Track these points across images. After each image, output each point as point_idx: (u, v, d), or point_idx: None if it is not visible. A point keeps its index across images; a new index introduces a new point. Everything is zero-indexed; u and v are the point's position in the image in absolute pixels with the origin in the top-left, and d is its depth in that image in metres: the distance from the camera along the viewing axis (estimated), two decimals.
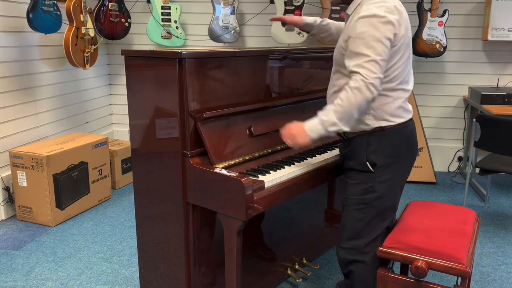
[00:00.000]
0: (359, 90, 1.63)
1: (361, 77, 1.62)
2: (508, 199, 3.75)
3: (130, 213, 3.38)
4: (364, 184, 1.82)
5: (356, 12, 1.73)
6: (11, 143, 3.34)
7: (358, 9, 1.73)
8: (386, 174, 1.80)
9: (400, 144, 1.82)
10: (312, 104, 2.34)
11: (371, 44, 1.63)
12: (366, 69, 1.63)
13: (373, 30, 1.64)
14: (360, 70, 1.63)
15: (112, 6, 3.95)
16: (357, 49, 1.65)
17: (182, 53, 1.69)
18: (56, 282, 2.47)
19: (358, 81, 1.63)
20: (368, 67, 1.63)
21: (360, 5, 1.74)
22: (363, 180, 1.82)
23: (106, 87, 4.68)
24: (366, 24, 1.65)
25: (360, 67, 1.63)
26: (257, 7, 4.28)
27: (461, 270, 1.65)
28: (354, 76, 1.65)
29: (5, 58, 3.27)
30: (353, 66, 1.65)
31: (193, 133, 1.78)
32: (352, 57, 1.67)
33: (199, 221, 1.89)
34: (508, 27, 3.88)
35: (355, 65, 1.65)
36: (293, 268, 2.44)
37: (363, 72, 1.63)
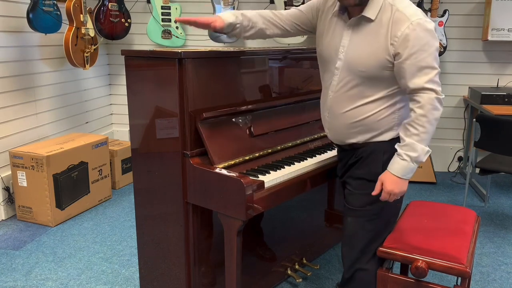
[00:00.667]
0: (436, 109, 1.57)
1: (435, 95, 1.56)
2: (508, 199, 3.75)
3: (130, 213, 3.38)
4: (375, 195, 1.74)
5: (387, 14, 1.60)
6: (11, 143, 3.34)
7: (388, 12, 1.61)
8: None
9: None
10: (312, 104, 2.34)
11: (435, 55, 1.57)
12: (438, 84, 1.57)
13: (431, 38, 1.57)
14: (434, 87, 1.56)
15: (112, 6, 3.95)
16: (424, 63, 1.56)
17: (182, 53, 1.69)
18: (56, 282, 2.47)
19: (433, 99, 1.56)
20: (438, 81, 1.58)
21: (385, 8, 1.62)
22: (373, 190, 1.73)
23: (106, 87, 4.68)
24: (424, 32, 1.56)
25: (433, 83, 1.56)
26: (257, 7, 4.27)
27: (461, 270, 1.65)
28: (428, 94, 1.56)
29: (5, 58, 3.27)
30: (426, 83, 1.56)
31: (193, 133, 1.78)
32: (420, 72, 1.56)
33: (199, 221, 1.89)
34: (508, 27, 3.88)
35: (428, 81, 1.56)
36: (293, 268, 2.44)
37: (437, 88, 1.57)
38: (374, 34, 1.64)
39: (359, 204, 1.79)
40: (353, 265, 1.84)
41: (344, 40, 1.72)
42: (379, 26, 1.63)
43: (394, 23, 1.59)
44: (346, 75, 1.72)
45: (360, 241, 1.81)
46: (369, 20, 1.64)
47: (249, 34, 1.87)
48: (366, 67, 1.66)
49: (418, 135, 1.59)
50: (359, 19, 1.67)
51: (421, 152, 1.60)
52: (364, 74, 1.68)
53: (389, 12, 1.61)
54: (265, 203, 1.69)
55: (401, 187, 1.65)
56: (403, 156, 1.62)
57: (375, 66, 1.64)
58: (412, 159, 1.61)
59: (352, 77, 1.71)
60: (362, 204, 1.78)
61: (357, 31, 1.68)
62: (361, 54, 1.66)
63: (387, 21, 1.61)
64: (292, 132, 2.15)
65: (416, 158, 1.61)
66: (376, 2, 1.63)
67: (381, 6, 1.63)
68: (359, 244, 1.82)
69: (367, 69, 1.66)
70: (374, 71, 1.65)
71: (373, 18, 1.63)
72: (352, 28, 1.70)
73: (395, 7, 1.61)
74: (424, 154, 1.61)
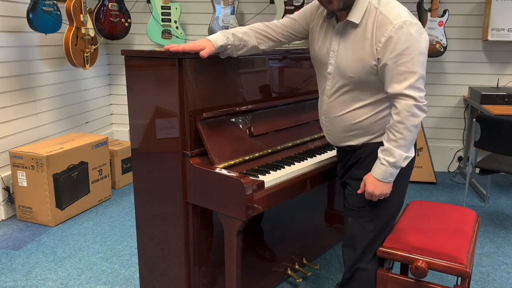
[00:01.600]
0: (415, 116, 1.55)
1: (413, 102, 1.54)
2: (508, 199, 3.75)
3: (130, 213, 3.38)
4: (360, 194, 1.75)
5: (371, 18, 1.59)
6: (11, 143, 3.34)
7: (372, 16, 1.59)
8: (398, 180, 1.70)
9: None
10: (312, 104, 2.34)
11: (418, 59, 1.53)
12: (418, 90, 1.54)
13: (415, 41, 1.53)
14: (413, 93, 1.53)
15: (112, 6, 3.95)
16: (405, 67, 1.53)
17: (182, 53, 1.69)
18: (56, 282, 2.47)
19: (411, 106, 1.54)
20: (419, 86, 1.55)
21: (370, 12, 1.60)
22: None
23: (106, 87, 4.68)
24: (406, 35, 1.52)
25: (412, 89, 1.53)
26: (257, 7, 4.28)
27: (461, 270, 1.65)
28: (405, 101, 1.54)
29: (5, 58, 3.27)
30: (405, 89, 1.53)
31: (193, 133, 1.78)
32: (399, 77, 1.54)
33: (199, 221, 1.89)
34: (508, 27, 3.88)
35: (407, 87, 1.53)
36: (293, 268, 2.44)
37: (417, 94, 1.54)
38: (360, 39, 1.62)
39: (359, 204, 1.79)
40: (353, 265, 1.84)
41: (333, 45, 1.71)
42: (364, 31, 1.61)
43: (377, 27, 1.58)
44: (338, 80, 1.72)
45: (361, 242, 1.81)
46: (354, 24, 1.63)
47: (242, 52, 1.84)
48: (354, 72, 1.65)
49: (395, 141, 1.59)
50: (345, 23, 1.66)
51: (398, 158, 1.60)
52: (354, 79, 1.67)
53: (373, 16, 1.59)
54: (265, 203, 1.69)
55: (381, 189, 1.66)
56: (382, 160, 1.63)
57: (363, 71, 1.63)
58: (390, 164, 1.61)
59: (344, 82, 1.70)
60: (362, 205, 1.78)
61: (345, 36, 1.67)
62: (349, 60, 1.65)
63: (372, 25, 1.59)
64: (292, 132, 2.15)
65: (394, 163, 1.61)
66: (360, 6, 1.61)
67: (365, 9, 1.61)
68: (359, 244, 1.82)
69: (355, 74, 1.65)
70: (363, 76, 1.64)
71: (357, 22, 1.62)
72: (340, 33, 1.69)
73: (378, 10, 1.59)
74: (402, 159, 1.61)
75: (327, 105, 1.79)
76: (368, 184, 1.68)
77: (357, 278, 1.85)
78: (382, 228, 1.82)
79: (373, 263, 1.82)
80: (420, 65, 1.55)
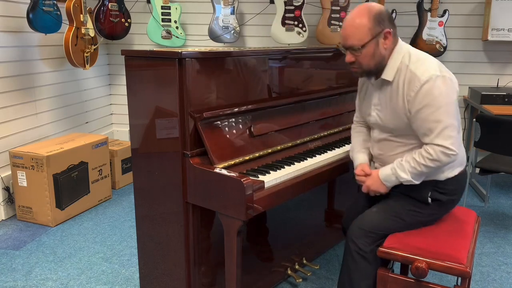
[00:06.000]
0: (439, 161, 1.68)
1: (442, 149, 1.65)
2: (508, 199, 3.75)
3: (130, 213, 3.38)
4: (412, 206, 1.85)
5: (402, 75, 1.71)
6: (11, 143, 3.34)
7: (403, 74, 1.71)
8: (439, 207, 1.86)
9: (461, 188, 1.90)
10: (312, 104, 2.34)
11: (446, 109, 1.64)
12: (448, 138, 1.65)
13: (441, 93, 1.64)
14: (443, 142, 1.65)
15: (112, 6, 3.95)
16: (434, 117, 1.64)
17: (182, 53, 1.69)
18: (56, 282, 2.47)
19: (437, 153, 1.66)
20: (449, 134, 1.65)
21: (401, 70, 1.73)
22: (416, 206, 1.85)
23: (106, 87, 4.68)
24: (432, 88, 1.64)
25: (441, 138, 1.65)
26: (257, 7, 4.28)
27: (461, 270, 1.65)
28: (435, 148, 1.66)
29: (5, 58, 3.27)
30: (434, 138, 1.66)
31: (193, 133, 1.78)
32: (430, 127, 1.66)
33: (199, 221, 1.89)
34: (508, 27, 3.88)
35: (436, 136, 1.66)
36: (293, 268, 2.44)
37: (446, 143, 1.65)
38: (394, 95, 1.76)
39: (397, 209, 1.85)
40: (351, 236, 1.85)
41: (374, 99, 1.87)
42: (397, 87, 1.74)
43: (407, 83, 1.70)
44: (382, 130, 1.86)
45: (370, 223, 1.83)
46: (388, 82, 1.77)
47: None
48: (394, 125, 1.79)
49: (414, 167, 1.72)
50: (381, 80, 1.80)
51: (404, 177, 1.75)
52: (396, 131, 1.80)
53: (404, 73, 1.72)
54: (265, 203, 1.69)
55: (377, 187, 1.83)
56: (393, 167, 1.78)
57: (401, 124, 1.77)
58: (396, 175, 1.77)
59: (388, 133, 1.85)
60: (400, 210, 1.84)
61: (383, 92, 1.82)
62: (388, 114, 1.80)
63: (402, 82, 1.72)
64: (292, 132, 2.15)
65: (398, 176, 1.76)
66: (393, 65, 1.75)
67: (397, 68, 1.74)
68: (368, 226, 1.83)
69: (396, 126, 1.79)
70: (403, 129, 1.77)
71: (390, 80, 1.76)
72: (379, 89, 1.83)
73: (409, 68, 1.71)
74: (405, 180, 1.76)
75: (376, 152, 1.93)
76: (370, 178, 1.85)
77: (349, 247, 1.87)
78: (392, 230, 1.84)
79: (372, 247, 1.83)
80: (448, 115, 1.65)
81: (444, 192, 1.84)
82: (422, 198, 1.83)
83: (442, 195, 1.84)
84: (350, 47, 1.72)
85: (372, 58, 1.73)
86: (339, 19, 3.97)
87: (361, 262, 1.81)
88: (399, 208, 1.85)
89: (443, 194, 1.84)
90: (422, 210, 1.84)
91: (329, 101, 2.47)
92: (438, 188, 1.83)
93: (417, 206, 1.84)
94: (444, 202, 1.86)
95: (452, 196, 1.87)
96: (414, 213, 1.84)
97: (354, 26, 1.70)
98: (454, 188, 1.86)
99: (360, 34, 1.69)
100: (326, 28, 3.98)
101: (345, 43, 1.74)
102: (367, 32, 1.69)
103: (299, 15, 3.98)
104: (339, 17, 3.96)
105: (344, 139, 2.39)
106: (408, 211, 1.84)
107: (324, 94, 2.45)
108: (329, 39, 3.99)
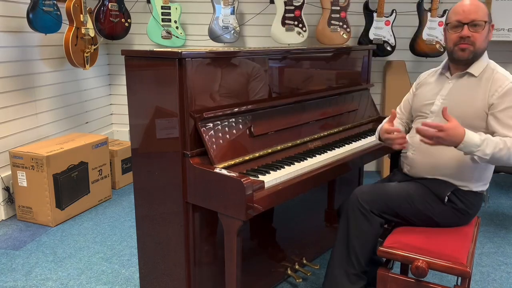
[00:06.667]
0: None
1: None
2: (508, 199, 3.75)
3: (130, 213, 3.38)
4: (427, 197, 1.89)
5: (487, 75, 1.88)
6: (11, 143, 3.34)
7: (488, 74, 1.88)
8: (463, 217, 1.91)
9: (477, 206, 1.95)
10: (312, 104, 2.34)
11: None
12: None
13: None
14: None
15: (112, 6, 3.95)
16: None
17: (182, 53, 1.69)
18: (56, 282, 2.47)
19: None
20: None
21: (487, 70, 1.90)
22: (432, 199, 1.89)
23: (106, 87, 4.68)
24: None
25: None
26: (257, 7, 4.27)
27: (461, 270, 1.65)
28: None
29: (5, 58, 3.27)
30: None
31: (193, 133, 1.78)
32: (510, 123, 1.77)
33: (199, 221, 1.89)
34: (508, 27, 3.88)
35: None
36: (293, 268, 2.44)
37: None
38: (474, 88, 1.89)
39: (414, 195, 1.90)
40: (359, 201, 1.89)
41: (443, 90, 1.97)
42: (479, 82, 1.89)
43: (494, 81, 1.86)
44: (441, 118, 1.81)
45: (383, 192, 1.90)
46: (472, 75, 1.91)
47: None
48: (462, 113, 1.85)
49: (500, 149, 1.70)
50: (462, 74, 1.94)
51: (487, 152, 1.69)
52: (459, 119, 1.76)
53: (490, 73, 1.89)
54: (265, 203, 1.69)
55: (453, 136, 1.68)
56: (482, 137, 1.70)
57: (470, 114, 1.85)
58: (482, 144, 1.68)
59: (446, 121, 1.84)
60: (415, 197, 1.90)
61: (458, 84, 1.94)
62: (460, 103, 1.89)
63: (488, 80, 1.87)
64: (292, 132, 2.15)
65: (483, 148, 1.68)
66: (481, 63, 1.92)
67: (485, 67, 1.92)
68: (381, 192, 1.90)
69: (462, 115, 1.83)
70: (468, 119, 1.84)
71: (476, 75, 1.91)
72: (454, 82, 1.96)
73: (495, 70, 1.91)
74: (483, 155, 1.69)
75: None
76: (452, 125, 1.68)
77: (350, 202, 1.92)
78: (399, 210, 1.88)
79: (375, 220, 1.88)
80: None
81: (463, 201, 1.88)
82: (440, 194, 1.87)
83: (460, 202, 1.88)
84: (473, 20, 1.85)
85: (484, 41, 1.89)
86: (339, 19, 3.97)
87: (363, 221, 1.87)
88: (416, 194, 1.90)
89: (461, 202, 1.88)
90: (435, 206, 1.88)
91: (329, 101, 2.47)
92: (459, 194, 1.88)
93: (432, 200, 1.88)
94: (458, 209, 1.88)
95: (467, 209, 1.90)
96: (427, 204, 1.88)
97: (478, 6, 1.87)
98: (471, 203, 1.90)
99: (484, 12, 1.87)
100: (326, 28, 3.98)
101: (467, 17, 1.86)
102: (487, 14, 1.88)
103: (299, 15, 3.98)
104: (339, 17, 3.96)
105: (344, 139, 2.39)
106: (422, 201, 1.88)
107: (324, 94, 2.45)
108: (329, 39, 3.99)
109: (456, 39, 1.89)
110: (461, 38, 1.87)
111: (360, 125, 2.63)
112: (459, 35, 1.88)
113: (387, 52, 4.01)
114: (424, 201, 1.88)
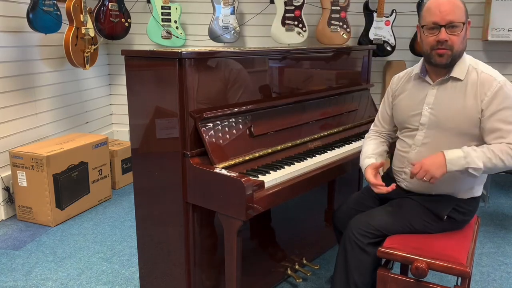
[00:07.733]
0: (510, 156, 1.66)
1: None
2: (508, 199, 3.75)
3: (130, 213, 3.38)
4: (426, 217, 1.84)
5: (473, 77, 1.74)
6: (11, 143, 3.34)
7: (473, 74, 1.74)
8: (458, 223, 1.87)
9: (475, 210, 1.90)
10: (312, 104, 2.34)
11: None
12: None
13: None
14: None
15: (112, 6, 3.95)
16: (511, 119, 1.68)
17: (182, 53, 1.69)
18: (56, 282, 2.47)
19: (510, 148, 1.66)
20: None
21: (471, 71, 1.75)
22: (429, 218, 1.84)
23: (106, 87, 4.68)
24: (510, 90, 1.70)
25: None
26: (257, 7, 4.28)
27: (461, 270, 1.65)
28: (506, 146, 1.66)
29: (5, 58, 3.27)
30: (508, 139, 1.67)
31: (193, 133, 1.78)
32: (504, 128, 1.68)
33: (199, 221, 1.89)
34: (508, 27, 3.88)
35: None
36: (293, 268, 2.44)
37: None
38: (462, 93, 1.75)
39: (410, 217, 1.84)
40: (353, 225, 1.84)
41: (428, 98, 1.82)
42: (466, 86, 1.75)
43: (481, 84, 1.72)
44: (434, 130, 1.80)
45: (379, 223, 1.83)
46: (457, 80, 1.77)
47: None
48: (456, 123, 1.75)
49: (489, 158, 1.65)
50: (446, 79, 1.79)
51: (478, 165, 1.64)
52: (454, 130, 1.76)
53: (475, 74, 1.74)
54: (265, 203, 1.69)
55: (437, 167, 1.65)
56: (465, 149, 1.66)
57: (465, 123, 1.74)
58: (467, 157, 1.64)
59: (440, 133, 1.79)
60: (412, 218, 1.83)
61: (443, 91, 1.79)
62: (450, 112, 1.76)
63: (474, 83, 1.73)
64: (292, 132, 2.15)
65: (470, 161, 1.64)
66: (463, 65, 1.77)
67: (467, 69, 1.76)
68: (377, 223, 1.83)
69: (456, 125, 1.75)
70: (464, 128, 1.74)
71: (462, 78, 1.76)
72: (438, 88, 1.80)
73: (479, 69, 1.75)
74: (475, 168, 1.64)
75: (417, 154, 1.84)
76: (429, 158, 1.68)
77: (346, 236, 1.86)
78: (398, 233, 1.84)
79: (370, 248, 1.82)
80: None
81: (463, 212, 1.85)
82: (439, 213, 1.82)
83: (459, 215, 1.85)
84: (450, 22, 1.69)
85: (462, 43, 1.73)
86: (339, 19, 3.97)
87: (360, 253, 1.83)
88: (412, 216, 1.83)
89: (461, 214, 1.85)
90: (434, 223, 1.83)
91: (329, 101, 2.47)
92: (459, 207, 1.84)
93: (430, 219, 1.83)
94: (457, 221, 1.86)
95: (466, 217, 1.88)
96: (425, 223, 1.83)
97: (455, 4, 1.70)
98: (472, 210, 1.88)
99: (460, 12, 1.70)
100: (326, 28, 3.98)
101: (444, 18, 1.69)
102: (464, 13, 1.72)
103: (299, 15, 3.98)
104: (339, 17, 3.96)
105: (344, 139, 2.40)
106: (420, 220, 1.83)
107: (324, 94, 2.45)
108: (329, 39, 3.99)
109: (433, 42, 1.72)
110: (438, 42, 1.71)
111: (360, 125, 2.63)
112: (436, 38, 1.71)
113: (387, 52, 4.02)
114: (422, 221, 1.83)
